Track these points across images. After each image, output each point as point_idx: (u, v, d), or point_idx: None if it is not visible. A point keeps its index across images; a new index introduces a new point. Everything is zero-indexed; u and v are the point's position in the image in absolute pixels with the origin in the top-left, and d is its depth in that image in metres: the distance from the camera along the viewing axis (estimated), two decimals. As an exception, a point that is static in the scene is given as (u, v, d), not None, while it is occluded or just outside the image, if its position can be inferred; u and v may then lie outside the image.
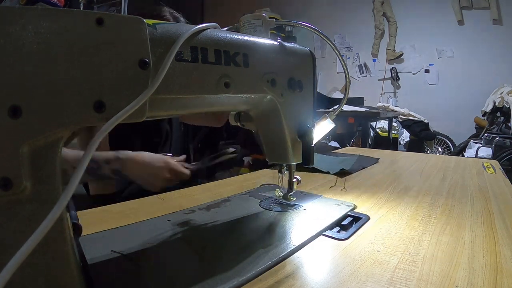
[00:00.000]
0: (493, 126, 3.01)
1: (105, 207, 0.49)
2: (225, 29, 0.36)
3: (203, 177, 0.71)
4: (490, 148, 2.66)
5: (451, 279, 0.29)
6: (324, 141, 2.97)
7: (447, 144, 3.51)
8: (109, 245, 0.35)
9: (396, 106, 3.59)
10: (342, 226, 0.41)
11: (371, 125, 3.21)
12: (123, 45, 0.23)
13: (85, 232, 0.36)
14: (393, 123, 3.41)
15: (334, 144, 3.13)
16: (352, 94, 3.35)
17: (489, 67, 3.35)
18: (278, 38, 0.39)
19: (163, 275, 0.29)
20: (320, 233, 0.39)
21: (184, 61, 0.27)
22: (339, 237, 0.38)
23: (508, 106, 2.81)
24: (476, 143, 2.88)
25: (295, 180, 0.45)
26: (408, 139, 3.59)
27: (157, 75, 0.24)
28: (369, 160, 0.92)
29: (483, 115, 3.19)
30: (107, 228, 0.40)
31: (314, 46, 4.35)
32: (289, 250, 0.34)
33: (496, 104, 2.92)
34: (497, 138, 2.66)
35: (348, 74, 0.46)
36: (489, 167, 0.85)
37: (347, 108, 2.62)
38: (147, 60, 0.24)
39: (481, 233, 0.39)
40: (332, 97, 3.72)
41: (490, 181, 0.69)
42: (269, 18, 0.40)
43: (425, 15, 3.69)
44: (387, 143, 3.22)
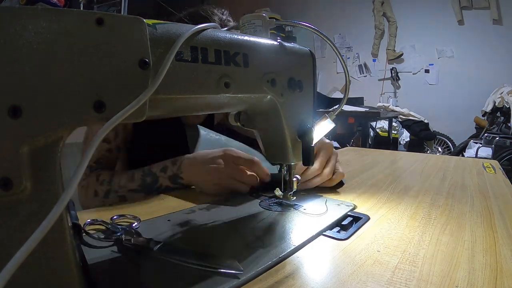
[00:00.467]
0: (493, 126, 3.02)
1: (104, 207, 0.49)
2: (225, 29, 0.36)
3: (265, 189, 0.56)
4: (490, 148, 2.66)
5: (451, 279, 0.29)
6: (324, 141, 2.97)
7: (447, 144, 3.51)
8: None
9: (396, 106, 3.59)
10: (342, 226, 0.41)
11: (371, 125, 3.21)
12: (123, 45, 0.23)
13: (85, 232, 0.36)
14: (393, 123, 3.42)
15: (334, 144, 3.13)
16: (352, 94, 3.35)
17: (489, 67, 3.35)
18: (278, 38, 0.39)
19: (163, 275, 0.29)
20: (320, 233, 0.39)
21: (184, 61, 0.27)
22: (339, 237, 0.38)
23: (508, 106, 2.81)
24: (476, 143, 2.88)
25: (295, 180, 0.45)
26: (408, 139, 3.59)
27: (157, 75, 0.24)
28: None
29: (483, 115, 3.19)
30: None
31: (314, 46, 4.36)
32: (289, 250, 0.34)
33: (496, 104, 2.93)
34: (497, 138, 2.66)
35: (348, 74, 0.46)
36: (489, 167, 0.85)
37: (347, 108, 2.63)
38: (147, 60, 0.24)
39: (481, 233, 0.39)
40: (332, 97, 3.72)
41: (490, 181, 0.69)
42: (269, 18, 0.40)
43: (425, 15, 3.69)
44: (387, 143, 3.22)
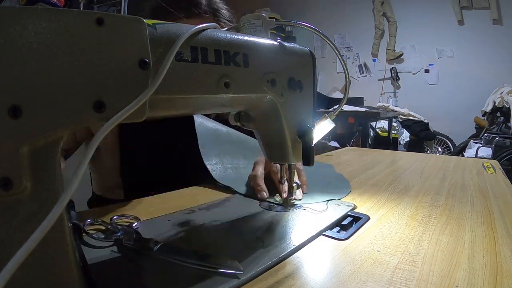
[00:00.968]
0: (493, 126, 3.01)
1: (104, 206, 0.49)
2: (225, 29, 0.36)
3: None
4: (490, 148, 2.66)
5: (451, 279, 0.29)
6: (324, 141, 2.97)
7: (447, 144, 3.51)
8: None
9: (396, 106, 3.59)
10: (342, 226, 0.41)
11: (371, 125, 3.21)
12: (123, 45, 0.23)
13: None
14: (393, 123, 3.41)
15: (334, 144, 3.14)
16: (352, 94, 3.36)
17: (489, 67, 3.35)
18: (278, 38, 0.39)
19: (163, 275, 0.29)
20: (320, 233, 0.39)
21: (184, 61, 0.27)
22: (339, 237, 0.38)
23: (508, 106, 2.81)
24: (476, 143, 2.88)
25: (294, 185, 0.45)
26: (408, 139, 3.59)
27: (157, 75, 0.24)
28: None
29: (483, 115, 3.19)
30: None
31: (314, 46, 4.36)
32: (289, 250, 0.34)
33: (496, 104, 2.93)
34: (497, 138, 2.66)
35: (348, 74, 0.46)
36: (489, 167, 0.85)
37: (347, 108, 2.63)
38: (147, 60, 0.24)
39: (481, 233, 0.39)
40: (332, 97, 3.72)
41: (490, 181, 0.69)
42: (269, 18, 0.40)
43: (425, 15, 3.69)
44: (387, 143, 3.22)
